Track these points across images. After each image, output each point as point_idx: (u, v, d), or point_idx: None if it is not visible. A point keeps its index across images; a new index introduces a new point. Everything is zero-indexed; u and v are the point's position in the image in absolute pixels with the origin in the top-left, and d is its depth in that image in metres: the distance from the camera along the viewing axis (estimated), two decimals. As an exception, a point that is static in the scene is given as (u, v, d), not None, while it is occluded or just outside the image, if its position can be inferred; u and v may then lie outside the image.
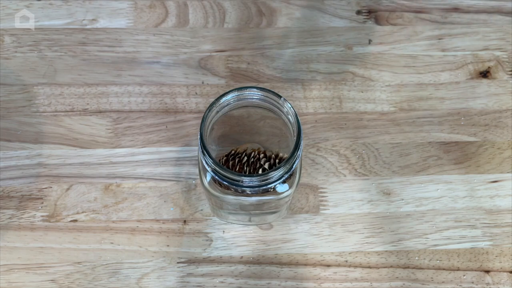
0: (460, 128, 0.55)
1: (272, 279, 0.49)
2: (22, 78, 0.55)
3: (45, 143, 0.53)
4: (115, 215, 0.51)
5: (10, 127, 0.53)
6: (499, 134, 0.55)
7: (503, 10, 0.59)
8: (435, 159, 0.54)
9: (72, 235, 0.50)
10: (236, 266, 0.50)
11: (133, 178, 0.52)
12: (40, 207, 0.51)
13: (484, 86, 0.57)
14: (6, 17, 0.57)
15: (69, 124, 0.54)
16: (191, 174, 0.52)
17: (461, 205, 0.52)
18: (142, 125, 0.54)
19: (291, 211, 0.51)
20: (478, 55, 0.58)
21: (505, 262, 0.50)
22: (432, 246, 0.51)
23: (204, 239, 0.50)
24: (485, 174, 0.53)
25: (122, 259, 0.49)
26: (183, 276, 0.49)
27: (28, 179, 0.52)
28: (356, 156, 0.53)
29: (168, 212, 0.51)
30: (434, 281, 0.50)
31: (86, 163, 0.52)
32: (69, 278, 0.49)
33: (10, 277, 0.49)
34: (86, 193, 0.51)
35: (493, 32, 0.58)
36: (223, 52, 0.57)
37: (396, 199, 0.52)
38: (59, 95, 0.55)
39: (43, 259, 0.49)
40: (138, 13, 0.58)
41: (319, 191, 0.52)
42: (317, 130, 0.54)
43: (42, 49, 0.56)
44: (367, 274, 0.50)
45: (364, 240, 0.51)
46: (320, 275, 0.49)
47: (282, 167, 0.38)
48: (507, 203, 0.52)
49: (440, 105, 0.56)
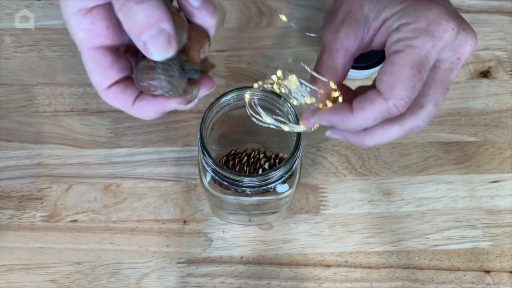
0: (460, 128, 0.55)
1: (272, 279, 0.49)
2: (22, 78, 0.55)
3: (45, 143, 0.53)
4: (115, 215, 0.51)
5: (10, 127, 0.53)
6: (500, 134, 0.55)
7: (504, 10, 0.59)
8: (436, 159, 0.54)
9: (72, 235, 0.50)
10: (236, 266, 0.50)
11: (133, 178, 0.52)
12: (40, 207, 0.51)
13: (484, 86, 0.57)
14: (6, 17, 0.57)
15: (69, 124, 0.54)
16: (191, 174, 0.52)
17: (461, 205, 0.52)
18: (142, 125, 0.54)
19: (291, 211, 0.51)
20: (479, 55, 0.58)
21: (506, 262, 0.50)
22: (432, 246, 0.51)
23: (204, 239, 0.50)
24: (486, 174, 0.53)
25: (122, 259, 0.49)
26: (183, 276, 0.49)
27: (28, 179, 0.51)
28: (356, 156, 0.53)
29: (168, 212, 0.51)
30: (434, 281, 0.49)
31: (86, 163, 0.52)
32: (69, 278, 0.49)
33: (10, 277, 0.48)
34: (86, 193, 0.51)
35: (494, 32, 0.58)
36: (223, 52, 0.57)
37: (396, 199, 0.52)
38: (59, 95, 0.55)
39: (43, 259, 0.49)
40: (138, 13, 0.58)
41: (319, 191, 0.52)
42: (317, 130, 0.54)
43: (42, 49, 0.56)
44: (367, 274, 0.50)
45: (365, 240, 0.51)
46: (320, 275, 0.49)
47: (282, 167, 0.38)
48: (507, 203, 0.52)
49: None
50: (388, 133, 0.36)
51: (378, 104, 0.33)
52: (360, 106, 0.34)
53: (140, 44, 0.29)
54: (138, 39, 0.29)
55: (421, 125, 0.35)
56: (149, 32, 0.28)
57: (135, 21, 0.28)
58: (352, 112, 0.34)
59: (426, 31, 0.32)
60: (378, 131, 0.36)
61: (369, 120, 0.34)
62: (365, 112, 0.34)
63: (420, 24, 0.33)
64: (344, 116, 0.34)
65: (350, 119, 0.34)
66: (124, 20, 0.28)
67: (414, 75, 0.33)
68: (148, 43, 0.29)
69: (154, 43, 0.29)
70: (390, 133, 0.35)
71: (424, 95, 0.35)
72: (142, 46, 0.29)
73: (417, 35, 0.32)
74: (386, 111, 0.33)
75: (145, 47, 0.29)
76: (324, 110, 0.35)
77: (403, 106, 0.33)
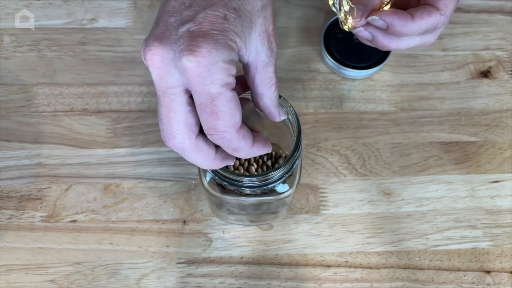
0: (460, 128, 0.55)
1: (272, 280, 0.49)
2: (21, 78, 0.55)
3: (44, 143, 0.53)
4: (114, 215, 0.51)
5: (10, 127, 0.53)
6: (500, 134, 0.55)
7: (504, 10, 0.59)
8: (436, 159, 0.53)
9: (72, 236, 0.50)
10: (236, 267, 0.49)
11: (132, 178, 0.52)
12: (40, 208, 0.51)
13: (484, 86, 0.56)
14: (6, 17, 0.57)
15: (68, 124, 0.53)
16: (191, 174, 0.52)
17: (461, 205, 0.52)
18: (141, 125, 0.54)
19: (291, 211, 0.51)
20: (479, 55, 0.58)
21: (506, 263, 0.50)
22: (432, 247, 0.51)
23: (204, 240, 0.50)
24: (486, 174, 0.53)
25: (122, 260, 0.49)
26: (182, 276, 0.49)
27: (28, 179, 0.51)
28: (356, 156, 0.53)
29: (168, 213, 0.51)
30: (434, 282, 0.49)
31: (85, 163, 0.52)
32: (69, 279, 0.49)
33: (9, 277, 0.48)
34: (86, 193, 0.51)
35: (494, 32, 0.58)
36: (223, 52, 0.57)
37: (396, 199, 0.52)
38: (59, 95, 0.54)
39: (42, 260, 0.49)
40: (137, 12, 0.58)
41: (319, 191, 0.52)
42: (317, 130, 0.54)
43: (42, 49, 0.56)
44: (367, 275, 0.49)
45: (365, 240, 0.51)
46: (321, 276, 0.49)
47: (282, 167, 0.38)
48: (508, 203, 0.52)
49: (440, 105, 0.55)
50: (410, 41, 0.43)
51: (435, 17, 0.41)
52: (420, 15, 0.41)
53: (276, 111, 0.36)
54: (276, 108, 0.36)
55: (431, 40, 0.44)
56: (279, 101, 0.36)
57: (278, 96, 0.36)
58: (413, 19, 0.41)
59: None
60: (404, 38, 0.43)
61: (422, 28, 0.41)
62: (423, 21, 0.41)
63: None
64: (405, 20, 0.41)
65: (410, 24, 0.41)
66: (275, 97, 0.35)
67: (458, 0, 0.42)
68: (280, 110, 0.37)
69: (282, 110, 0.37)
70: (411, 41, 0.43)
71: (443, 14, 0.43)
72: (277, 112, 0.36)
73: None
74: (436, 24, 0.41)
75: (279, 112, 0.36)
76: (387, 11, 0.41)
77: (445, 24, 0.42)
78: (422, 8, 0.41)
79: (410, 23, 0.41)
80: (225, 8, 0.32)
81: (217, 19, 0.31)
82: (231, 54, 0.31)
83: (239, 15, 0.32)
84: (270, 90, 0.35)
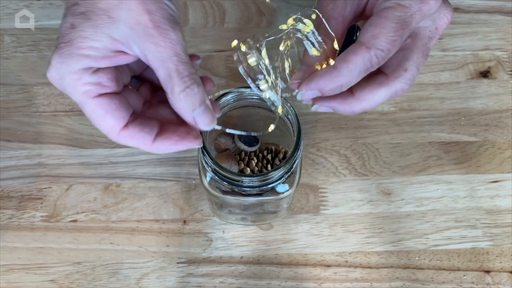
0: (460, 128, 0.55)
1: (272, 280, 0.49)
2: (21, 78, 0.55)
3: (44, 143, 0.53)
4: (114, 215, 0.51)
5: (10, 127, 0.53)
6: (500, 134, 0.55)
7: (504, 10, 0.59)
8: (436, 159, 0.54)
9: (72, 235, 0.50)
10: (236, 266, 0.50)
11: (132, 178, 0.52)
12: (40, 207, 0.51)
13: (484, 86, 0.57)
14: (6, 17, 0.57)
15: (69, 124, 0.54)
16: (191, 174, 0.52)
17: (461, 205, 0.52)
18: (142, 125, 0.54)
19: (291, 211, 0.51)
20: (479, 55, 0.58)
21: (506, 262, 0.50)
22: (432, 246, 0.51)
23: (204, 239, 0.50)
24: (486, 174, 0.53)
25: (122, 259, 0.49)
26: (183, 276, 0.49)
27: (28, 179, 0.51)
28: (356, 156, 0.53)
29: (168, 212, 0.51)
30: (434, 281, 0.49)
31: (86, 163, 0.52)
32: (69, 278, 0.49)
33: (10, 277, 0.48)
34: (86, 193, 0.51)
35: (494, 32, 0.58)
36: (223, 52, 0.57)
37: (396, 199, 0.52)
38: (59, 95, 0.54)
39: (43, 259, 0.49)
40: (138, 13, 0.58)
41: (319, 191, 0.52)
42: (317, 130, 0.54)
43: (42, 49, 0.56)
44: (367, 274, 0.50)
45: (364, 240, 0.51)
46: (320, 275, 0.49)
47: (282, 167, 0.38)
48: (508, 203, 0.52)
49: (440, 105, 0.56)
50: (375, 97, 0.37)
51: (361, 54, 0.34)
52: (343, 58, 0.35)
53: (190, 119, 0.33)
54: (189, 115, 0.33)
55: (405, 87, 0.37)
56: (199, 108, 0.33)
57: (192, 100, 0.33)
58: (336, 68, 0.35)
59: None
60: (365, 96, 0.37)
61: (354, 73, 0.35)
62: (348, 64, 0.34)
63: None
64: (329, 74, 0.35)
65: (335, 76, 0.35)
66: (182, 99, 0.32)
67: (397, 30, 0.34)
68: (197, 118, 0.33)
69: (203, 117, 0.34)
70: (377, 96, 0.37)
71: (407, 59, 0.37)
72: (192, 121, 0.34)
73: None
74: (368, 61, 0.34)
75: (195, 120, 0.34)
76: (308, 78, 0.36)
77: (382, 57, 0.35)
78: (345, 51, 0.35)
79: (335, 74, 0.35)
80: (72, 16, 0.32)
81: (66, 30, 0.32)
82: (81, 62, 0.31)
83: (89, 17, 0.31)
84: (174, 91, 0.32)
